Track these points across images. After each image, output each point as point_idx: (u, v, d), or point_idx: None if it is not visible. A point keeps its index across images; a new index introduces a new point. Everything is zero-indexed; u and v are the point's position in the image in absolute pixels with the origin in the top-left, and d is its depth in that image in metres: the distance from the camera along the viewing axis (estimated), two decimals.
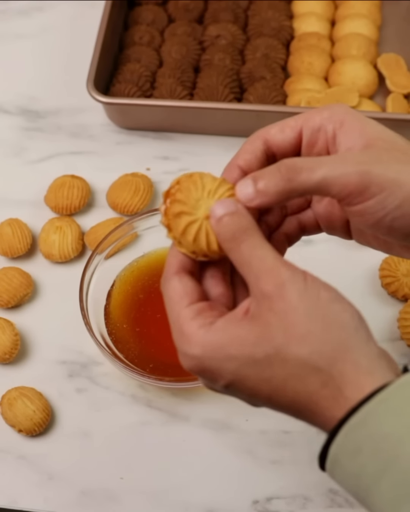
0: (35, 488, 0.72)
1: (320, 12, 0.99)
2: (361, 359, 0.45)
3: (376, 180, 0.47)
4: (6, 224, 0.83)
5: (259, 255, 0.46)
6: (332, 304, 0.45)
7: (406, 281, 0.78)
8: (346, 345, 0.45)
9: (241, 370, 0.45)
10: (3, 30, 1.02)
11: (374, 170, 0.47)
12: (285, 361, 0.45)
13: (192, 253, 0.49)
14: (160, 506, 0.71)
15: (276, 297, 0.45)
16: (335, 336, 0.45)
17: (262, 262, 0.46)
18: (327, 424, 0.45)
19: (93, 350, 0.73)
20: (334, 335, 0.45)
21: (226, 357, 0.45)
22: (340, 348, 0.45)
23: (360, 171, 0.47)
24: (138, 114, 0.90)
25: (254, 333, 0.45)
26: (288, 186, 0.48)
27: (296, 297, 0.45)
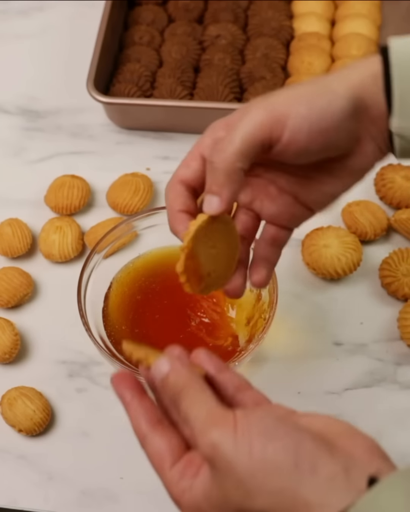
0: (35, 488, 0.72)
1: (320, 12, 0.99)
2: (310, 496, 0.43)
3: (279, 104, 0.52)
4: (6, 224, 0.83)
5: (193, 417, 0.47)
6: (264, 451, 0.44)
7: (406, 281, 0.78)
8: (291, 488, 0.43)
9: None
10: (3, 30, 1.02)
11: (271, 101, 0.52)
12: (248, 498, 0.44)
13: None
14: (160, 506, 0.71)
15: (214, 458, 0.45)
16: (278, 483, 0.43)
17: (195, 424, 0.47)
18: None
19: (93, 350, 0.73)
20: (277, 483, 0.43)
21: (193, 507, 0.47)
22: (286, 494, 0.43)
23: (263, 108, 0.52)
24: (138, 114, 0.90)
25: (217, 492, 0.46)
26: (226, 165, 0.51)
27: (231, 457, 0.44)
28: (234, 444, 0.45)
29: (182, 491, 0.47)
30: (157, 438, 0.49)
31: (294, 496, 0.43)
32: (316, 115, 0.51)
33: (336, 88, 0.52)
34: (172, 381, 0.48)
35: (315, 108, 0.51)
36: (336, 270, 0.79)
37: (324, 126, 0.51)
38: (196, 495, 0.47)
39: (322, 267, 0.79)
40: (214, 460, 0.45)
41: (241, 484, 0.44)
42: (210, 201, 0.52)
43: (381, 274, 0.80)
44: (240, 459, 0.44)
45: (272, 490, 0.44)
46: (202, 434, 0.46)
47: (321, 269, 0.80)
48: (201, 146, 0.55)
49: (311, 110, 0.51)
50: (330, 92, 0.52)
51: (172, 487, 0.48)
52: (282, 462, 0.44)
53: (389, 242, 0.83)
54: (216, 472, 0.45)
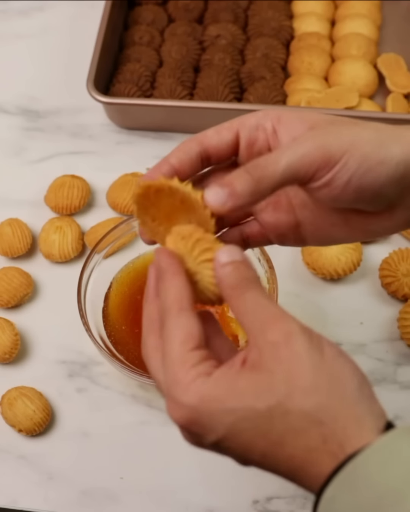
0: (35, 488, 0.72)
1: (320, 12, 0.99)
2: (365, 416, 0.43)
3: (334, 148, 0.48)
4: (6, 224, 0.83)
5: (265, 304, 0.45)
6: (336, 360, 0.44)
7: (406, 281, 0.78)
8: (350, 401, 0.43)
9: (237, 423, 0.43)
10: (3, 30, 1.02)
11: (329, 139, 0.48)
12: (287, 414, 0.43)
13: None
14: (160, 506, 0.71)
15: (282, 346, 0.43)
16: (339, 392, 0.43)
17: (269, 310, 0.45)
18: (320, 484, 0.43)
19: (93, 350, 0.73)
20: (339, 390, 0.43)
21: (224, 410, 0.43)
22: (343, 404, 0.43)
23: (318, 145, 0.48)
24: (138, 114, 0.90)
25: (255, 383, 0.43)
26: (258, 184, 0.47)
27: (303, 348, 0.43)
28: (310, 339, 0.44)
29: (196, 375, 0.44)
30: (194, 319, 0.45)
31: (349, 407, 0.43)
32: (363, 171, 0.48)
33: (393, 149, 0.49)
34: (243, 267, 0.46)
35: (365, 164, 0.48)
36: (336, 270, 0.79)
37: (364, 184, 0.49)
38: (217, 385, 0.43)
39: (322, 267, 0.79)
40: (279, 346, 0.43)
41: (299, 379, 0.43)
42: (216, 193, 0.47)
43: (381, 274, 0.80)
44: (311, 354, 0.43)
45: (330, 395, 0.43)
46: (277, 320, 0.44)
47: (321, 269, 0.80)
48: (244, 124, 0.52)
49: (360, 165, 0.48)
50: (386, 151, 0.49)
51: (183, 369, 0.44)
52: (349, 377, 0.44)
53: (389, 242, 0.83)
54: (271, 361, 0.43)
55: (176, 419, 0.45)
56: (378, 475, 0.41)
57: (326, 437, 0.42)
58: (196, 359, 0.44)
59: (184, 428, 0.45)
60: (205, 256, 0.47)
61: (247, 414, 0.43)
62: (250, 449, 0.44)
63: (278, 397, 0.43)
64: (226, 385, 0.44)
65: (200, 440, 0.45)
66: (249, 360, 0.44)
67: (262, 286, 0.46)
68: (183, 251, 0.48)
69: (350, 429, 0.43)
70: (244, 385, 0.43)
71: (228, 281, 0.46)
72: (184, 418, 0.44)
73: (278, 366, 0.43)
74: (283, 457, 0.43)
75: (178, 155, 0.51)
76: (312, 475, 0.43)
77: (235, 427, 0.43)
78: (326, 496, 0.42)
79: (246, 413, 0.43)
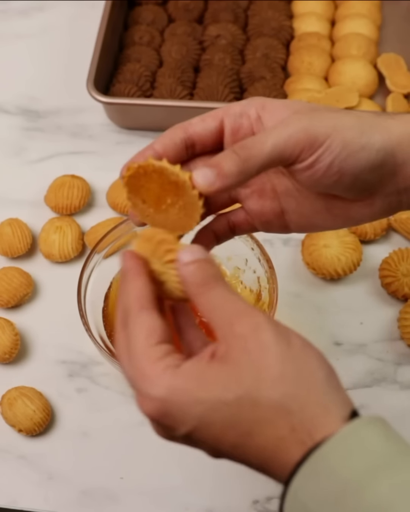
0: (35, 488, 0.72)
1: (320, 12, 0.99)
2: (332, 405, 0.43)
3: (319, 131, 0.49)
4: (6, 224, 0.83)
5: (232, 299, 0.46)
6: (303, 351, 0.45)
7: (406, 281, 0.78)
8: (317, 391, 0.44)
9: (207, 415, 0.43)
10: (3, 30, 1.02)
11: (314, 123, 0.50)
12: (256, 404, 0.43)
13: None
14: (160, 506, 0.71)
15: (250, 337, 0.44)
16: (307, 381, 0.44)
17: (236, 305, 0.45)
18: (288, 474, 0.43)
19: (93, 350, 0.73)
20: (306, 380, 0.44)
21: (193, 401, 0.43)
22: (311, 393, 0.43)
23: (303, 127, 0.49)
24: (138, 114, 0.90)
25: (223, 374, 0.43)
26: (245, 164, 0.48)
27: (270, 339, 0.44)
28: (277, 330, 0.44)
29: (163, 368, 0.44)
30: (155, 315, 0.46)
31: (317, 395, 0.43)
32: (345, 155, 0.50)
33: (375, 136, 0.51)
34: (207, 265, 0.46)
35: (347, 148, 0.50)
36: (336, 270, 0.79)
37: (345, 168, 0.50)
38: (185, 376, 0.44)
39: (322, 267, 0.79)
40: (247, 338, 0.43)
41: (266, 369, 0.43)
42: (204, 173, 0.48)
43: (381, 274, 0.80)
44: (279, 345, 0.44)
45: (298, 384, 0.43)
46: (244, 314, 0.44)
47: (321, 269, 0.80)
48: (228, 111, 0.53)
49: (343, 148, 0.50)
50: (368, 137, 0.50)
51: (149, 363, 0.45)
52: (316, 367, 0.44)
53: (389, 242, 0.83)
54: (239, 353, 0.43)
55: (146, 412, 0.45)
56: (341, 465, 0.42)
57: (294, 426, 0.43)
58: (162, 353, 0.45)
59: (155, 421, 0.45)
60: (168, 257, 0.48)
61: (215, 406, 0.43)
62: (220, 440, 0.44)
63: (246, 388, 0.43)
64: (194, 377, 0.44)
65: (172, 433, 0.45)
66: (217, 353, 0.45)
67: (226, 282, 0.47)
68: (148, 253, 0.49)
69: (318, 418, 0.43)
70: (212, 377, 0.44)
71: (192, 280, 0.46)
72: (154, 410, 0.44)
73: (245, 357, 0.44)
74: (252, 448, 0.44)
75: (163, 141, 0.52)
76: (281, 465, 0.43)
77: (204, 418, 0.43)
78: (293, 486, 0.43)
79: (215, 405, 0.43)
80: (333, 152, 0.49)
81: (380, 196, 0.53)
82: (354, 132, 0.50)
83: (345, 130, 0.50)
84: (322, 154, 0.49)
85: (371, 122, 0.52)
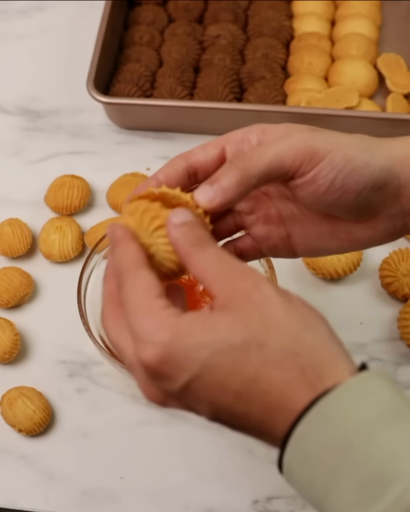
0: (35, 488, 0.72)
1: (320, 12, 0.99)
2: (340, 355, 0.44)
3: (321, 143, 0.49)
4: (6, 224, 0.83)
5: (229, 258, 0.45)
6: (304, 306, 0.45)
7: (406, 281, 0.78)
8: (324, 339, 0.44)
9: (212, 358, 0.42)
10: (3, 30, 1.02)
11: (315, 137, 0.50)
12: (263, 346, 0.42)
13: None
14: (160, 506, 0.71)
15: (252, 291, 0.43)
16: (312, 329, 0.44)
17: (234, 264, 0.45)
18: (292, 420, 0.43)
19: (93, 350, 0.73)
20: (312, 328, 0.44)
21: (198, 344, 0.42)
22: (318, 339, 0.43)
23: (304, 140, 0.49)
24: (138, 114, 0.90)
25: (228, 319, 0.43)
26: (244, 174, 0.48)
27: (273, 293, 0.44)
28: (276, 287, 0.44)
29: (167, 315, 0.43)
30: (153, 274, 0.45)
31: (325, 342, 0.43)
32: (348, 171, 0.49)
33: (378, 154, 0.51)
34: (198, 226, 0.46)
35: (350, 164, 0.49)
36: (336, 270, 0.79)
37: (348, 184, 0.50)
38: (190, 321, 0.43)
39: (322, 267, 0.79)
40: (249, 291, 0.43)
41: (272, 317, 0.43)
42: (204, 190, 0.49)
43: (381, 274, 0.80)
44: (281, 298, 0.43)
45: (305, 330, 0.43)
46: (244, 271, 0.44)
47: (321, 269, 0.80)
48: (229, 138, 0.53)
49: (346, 163, 0.49)
50: (372, 154, 0.50)
51: (153, 311, 0.44)
52: (317, 321, 0.44)
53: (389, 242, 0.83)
54: (243, 302, 0.43)
55: (146, 360, 0.43)
56: (350, 412, 0.41)
57: (303, 368, 0.42)
58: (164, 304, 0.44)
59: (154, 370, 0.44)
60: (155, 224, 0.48)
61: (222, 347, 0.42)
62: (222, 389, 0.43)
63: (254, 331, 0.42)
64: (198, 322, 0.43)
65: (169, 387, 0.44)
66: (216, 305, 0.44)
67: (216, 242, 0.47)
68: (134, 226, 0.48)
69: (328, 363, 0.43)
70: (217, 322, 0.43)
71: (184, 240, 0.46)
72: (156, 356, 0.43)
73: (250, 305, 0.43)
74: (257, 395, 0.42)
75: (165, 171, 0.53)
76: (286, 411, 0.42)
77: (210, 362, 0.42)
78: (297, 432, 0.42)
79: (221, 348, 0.42)
80: (336, 168, 0.49)
81: (384, 218, 0.53)
82: (356, 148, 0.50)
83: (347, 146, 0.50)
84: (324, 169, 0.49)
85: (373, 141, 0.51)
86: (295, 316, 0.44)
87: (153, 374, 0.44)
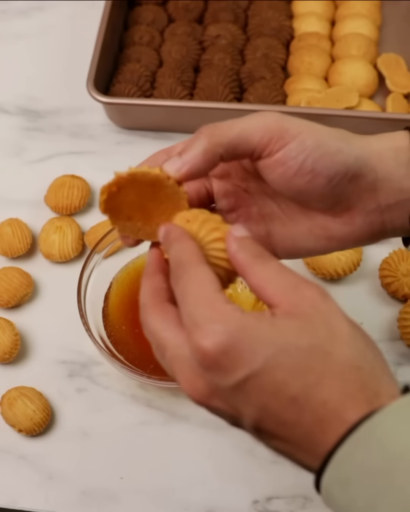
0: (35, 488, 0.72)
1: (320, 12, 0.99)
2: (392, 376, 0.44)
3: (293, 124, 0.49)
4: (6, 224, 0.83)
5: (291, 271, 0.45)
6: (359, 326, 0.45)
7: (406, 281, 0.78)
8: (381, 357, 0.44)
9: (277, 356, 0.41)
10: (3, 30, 1.02)
11: (289, 118, 0.50)
12: (328, 354, 0.42)
13: None
14: (160, 506, 0.71)
15: (319, 300, 0.43)
16: (372, 346, 0.44)
17: (297, 276, 0.45)
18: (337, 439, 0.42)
19: (93, 350, 0.73)
20: (371, 345, 0.44)
21: (264, 340, 0.41)
22: (377, 357, 0.44)
23: (277, 118, 0.49)
24: (138, 114, 0.90)
25: (295, 324, 0.42)
26: (211, 141, 0.49)
27: (337, 305, 0.44)
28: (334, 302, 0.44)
29: (232, 309, 0.43)
30: (209, 269, 0.45)
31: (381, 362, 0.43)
32: (319, 155, 0.49)
33: (354, 143, 0.50)
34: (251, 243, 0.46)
35: (321, 148, 0.49)
36: (336, 270, 0.79)
37: (318, 169, 0.49)
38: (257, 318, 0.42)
39: (322, 267, 0.79)
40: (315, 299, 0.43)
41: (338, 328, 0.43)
42: (173, 161, 0.49)
43: (381, 274, 0.80)
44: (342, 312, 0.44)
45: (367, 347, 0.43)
46: (308, 283, 0.44)
47: (321, 269, 0.80)
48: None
49: (317, 146, 0.49)
50: (347, 143, 0.50)
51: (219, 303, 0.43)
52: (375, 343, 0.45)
53: (389, 242, 0.83)
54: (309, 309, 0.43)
55: (206, 347, 0.42)
56: (394, 435, 0.40)
57: (364, 382, 0.42)
58: (226, 299, 0.44)
59: (211, 360, 0.42)
60: (213, 235, 0.48)
61: (288, 348, 0.41)
62: (277, 392, 0.41)
63: (320, 339, 0.42)
64: (265, 321, 0.42)
65: (221, 382, 0.43)
66: (279, 311, 0.43)
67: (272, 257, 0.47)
68: (189, 233, 0.49)
69: (384, 380, 0.43)
70: (284, 324, 0.42)
71: (247, 251, 0.45)
72: (218, 344, 0.41)
73: (317, 315, 0.43)
74: (315, 402, 0.41)
75: (146, 164, 0.53)
76: (341, 423, 0.41)
77: (273, 360, 0.41)
78: (343, 450, 0.41)
79: (287, 348, 0.41)
80: (306, 150, 0.49)
81: (360, 213, 0.53)
82: (330, 136, 0.50)
83: (321, 132, 0.50)
84: (294, 150, 0.49)
85: (350, 134, 0.51)
86: (358, 330, 0.44)
87: (209, 364, 0.42)
